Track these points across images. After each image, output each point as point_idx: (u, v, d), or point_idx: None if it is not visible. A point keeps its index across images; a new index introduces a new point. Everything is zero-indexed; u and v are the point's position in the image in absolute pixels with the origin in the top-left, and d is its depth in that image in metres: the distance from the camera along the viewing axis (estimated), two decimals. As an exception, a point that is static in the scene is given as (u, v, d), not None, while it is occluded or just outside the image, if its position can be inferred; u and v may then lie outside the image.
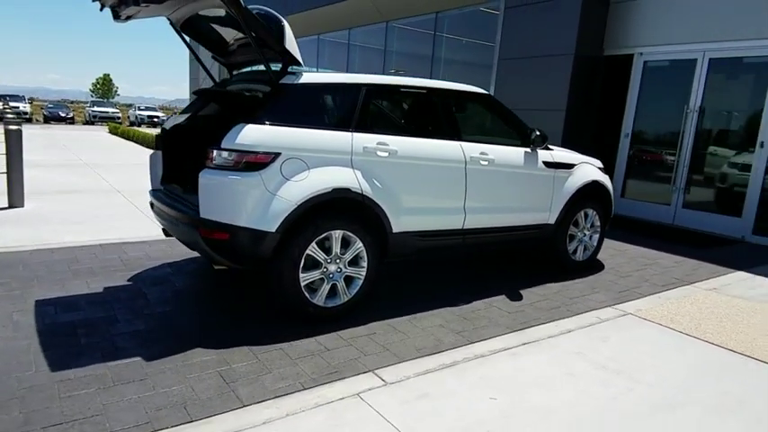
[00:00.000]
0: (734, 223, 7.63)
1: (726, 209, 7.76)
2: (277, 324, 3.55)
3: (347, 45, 15.81)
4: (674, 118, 8.37)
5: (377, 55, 14.25)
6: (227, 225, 3.25)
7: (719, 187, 7.92)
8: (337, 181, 3.46)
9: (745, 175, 7.52)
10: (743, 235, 7.51)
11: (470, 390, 2.85)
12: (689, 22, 7.92)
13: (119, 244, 5.20)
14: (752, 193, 7.45)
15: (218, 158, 3.26)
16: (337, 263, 3.60)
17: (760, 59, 7.34)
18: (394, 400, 2.71)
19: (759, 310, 4.43)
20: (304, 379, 2.86)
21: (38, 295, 3.79)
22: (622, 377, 3.12)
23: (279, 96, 3.43)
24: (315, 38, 17.15)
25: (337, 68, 16.06)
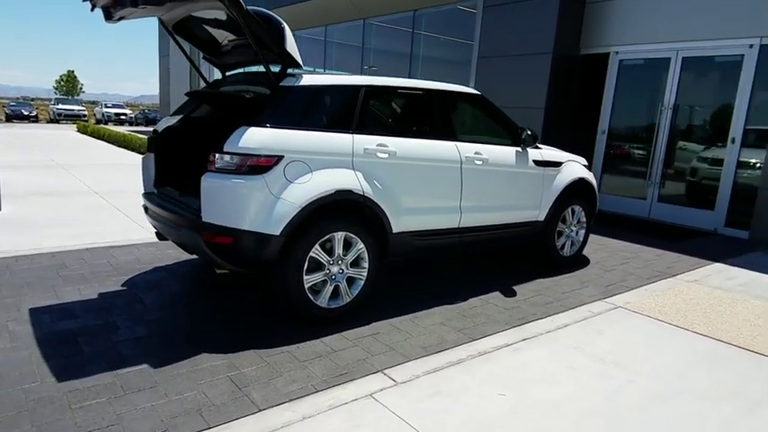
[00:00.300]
0: (707, 216, 7.91)
1: (699, 202, 8.04)
2: (280, 326, 3.55)
3: (323, 42, 15.75)
4: (649, 115, 8.62)
5: (354, 52, 14.23)
6: (231, 229, 3.24)
7: (693, 182, 8.20)
8: (340, 183, 3.47)
9: (717, 169, 7.80)
10: (715, 227, 7.79)
11: (479, 387, 2.91)
12: (663, 21, 8.15)
13: (106, 248, 5.10)
14: (724, 188, 7.73)
15: (221, 162, 3.24)
16: (339, 264, 3.61)
17: (730, 58, 7.61)
18: (407, 399, 2.75)
19: (740, 301, 4.62)
20: (315, 381, 2.88)
21: (31, 303, 3.70)
22: (621, 370, 3.22)
23: (279, 98, 3.42)
24: None
25: (313, 66, 16.01)
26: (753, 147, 7.49)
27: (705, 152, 8.06)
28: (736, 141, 7.55)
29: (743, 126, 7.47)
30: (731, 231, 7.60)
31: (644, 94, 8.82)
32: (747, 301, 4.62)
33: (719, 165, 7.77)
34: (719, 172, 7.76)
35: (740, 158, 7.55)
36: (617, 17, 8.76)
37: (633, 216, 8.72)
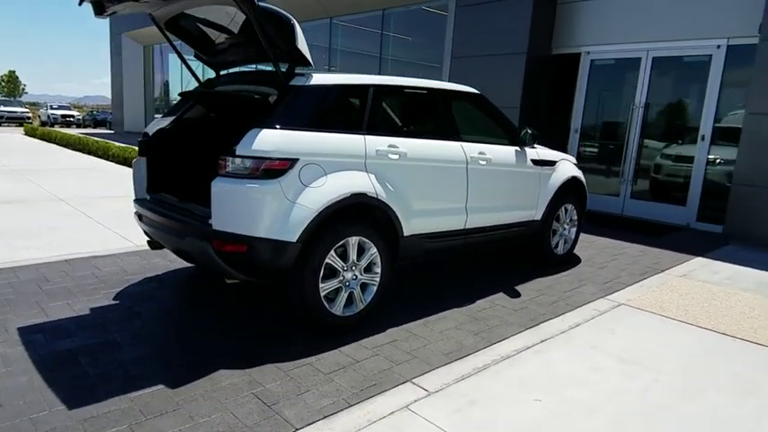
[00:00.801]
0: (679, 212, 8.16)
1: (671, 199, 8.28)
2: (291, 336, 3.40)
3: None
4: (621, 113, 8.83)
5: (320, 53, 14.04)
6: (245, 237, 3.06)
7: (665, 178, 8.44)
8: (355, 186, 3.35)
9: (688, 166, 8.05)
10: (688, 222, 8.04)
11: (512, 392, 2.85)
12: (633, 22, 8.35)
13: (87, 258, 4.78)
14: (695, 184, 7.99)
15: (233, 166, 3.06)
16: (353, 270, 3.49)
17: (699, 58, 7.87)
18: (444, 410, 2.65)
19: (731, 294, 4.75)
20: (345, 395, 2.75)
21: (17, 322, 3.40)
22: (643, 368, 3.23)
23: (290, 99, 3.26)
24: None
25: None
26: (722, 144, 7.77)
27: (676, 149, 8.31)
28: (706, 139, 7.82)
29: (712, 124, 7.73)
30: (703, 226, 7.85)
31: (615, 93, 9.03)
32: (738, 294, 4.75)
33: (690, 162, 8.02)
34: (690, 169, 8.02)
35: (710, 155, 7.81)
36: (588, 18, 8.93)
37: (607, 213, 8.91)
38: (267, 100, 3.30)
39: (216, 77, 4.16)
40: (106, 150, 12.24)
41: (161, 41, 20.62)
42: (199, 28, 3.92)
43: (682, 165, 8.20)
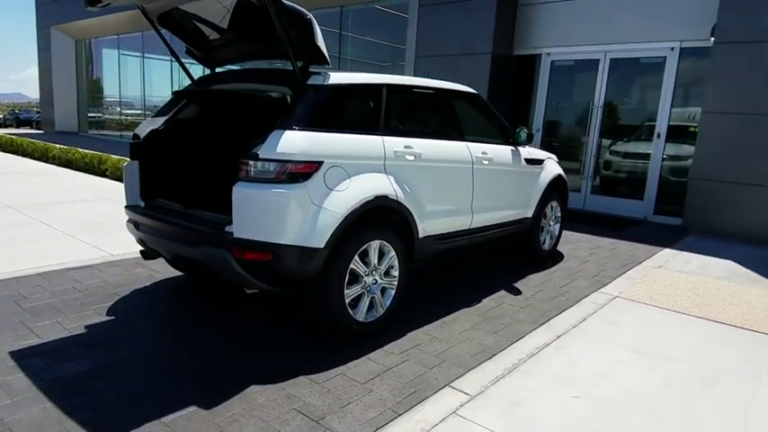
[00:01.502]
0: (637, 206, 8.54)
1: (629, 193, 8.66)
2: (312, 345, 3.27)
3: None
4: (581, 113, 9.14)
5: None
6: (270, 244, 2.90)
7: (623, 175, 8.82)
8: (377, 188, 3.26)
9: (645, 162, 8.45)
10: (645, 215, 8.44)
11: (549, 391, 2.87)
12: (591, 25, 8.66)
13: (62, 271, 4.41)
14: (651, 179, 8.40)
15: (256, 170, 2.89)
16: (373, 274, 3.40)
17: (655, 60, 8.27)
18: (492, 413, 2.63)
19: (708, 283, 5.01)
20: (390, 404, 2.67)
21: (6, 345, 3.08)
22: (660, 359, 3.33)
23: (310, 98, 3.12)
24: None
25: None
26: (676, 141, 8.21)
27: (633, 147, 8.70)
28: (662, 136, 8.22)
29: (667, 122, 8.14)
30: (660, 218, 8.26)
31: (575, 92, 9.35)
32: (715, 283, 5.02)
33: (647, 158, 8.42)
34: (647, 165, 8.42)
35: (665, 152, 8.23)
36: (547, 20, 9.18)
37: (570, 208, 9.18)
38: (284, 100, 3.14)
39: (210, 75, 3.93)
40: (45, 152, 11.42)
41: (96, 35, 19.49)
42: (193, 23, 3.69)
43: (639, 161, 8.59)
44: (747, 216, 6.89)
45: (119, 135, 19.69)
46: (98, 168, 10.02)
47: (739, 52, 6.82)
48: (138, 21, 16.56)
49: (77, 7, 17.44)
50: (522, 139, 4.75)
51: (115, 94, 19.96)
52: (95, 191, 8.36)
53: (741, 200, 6.94)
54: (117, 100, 19.76)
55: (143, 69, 18.16)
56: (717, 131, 7.10)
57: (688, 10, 7.70)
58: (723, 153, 7.05)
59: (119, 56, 19.02)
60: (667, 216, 8.19)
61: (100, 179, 9.56)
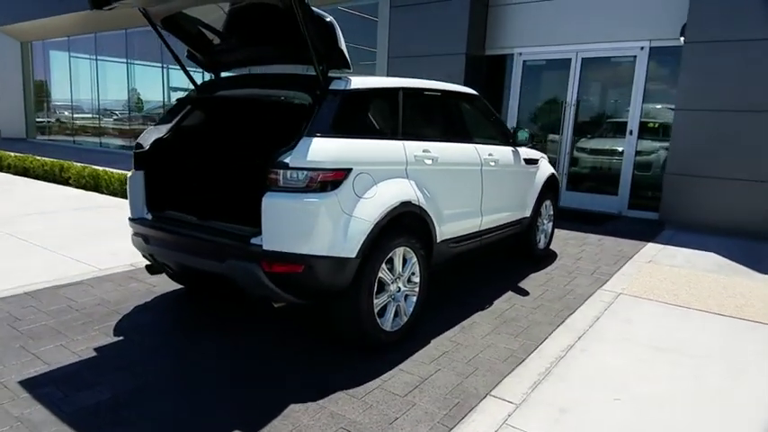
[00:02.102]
0: (612, 201, 8.77)
1: (604, 189, 8.88)
2: (336, 357, 3.17)
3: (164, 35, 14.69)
4: (554, 111, 9.30)
5: None
6: (302, 256, 2.79)
7: (597, 171, 9.04)
8: (402, 194, 3.19)
9: (618, 159, 8.68)
10: (620, 210, 8.67)
11: (590, 394, 2.87)
12: (562, 25, 8.81)
13: (51, 289, 4.13)
14: (625, 175, 8.63)
15: (286, 179, 2.77)
16: (397, 282, 3.32)
17: (625, 59, 8.50)
18: (545, 422, 2.60)
19: (699, 276, 5.16)
20: (438, 417, 2.60)
21: (13, 374, 2.84)
22: (681, 355, 3.40)
23: (333, 104, 3.01)
24: (122, 31, 15.72)
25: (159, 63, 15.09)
26: (648, 138, 8.47)
27: (606, 144, 8.93)
28: (634, 133, 8.47)
29: (639, 120, 8.39)
30: (634, 213, 8.50)
31: (548, 91, 9.51)
32: (706, 276, 5.19)
33: (620, 155, 8.65)
34: (620, 161, 8.65)
35: (638, 148, 8.48)
36: (519, 20, 9.29)
37: (547, 205, 9.34)
38: (305, 106, 3.02)
39: (214, 81, 3.75)
40: (-2, 160, 10.76)
41: (44, 37, 18.51)
42: (196, 26, 3.51)
43: (612, 158, 8.82)
44: (721, 209, 7.17)
45: (71, 140, 18.79)
46: (60, 176, 9.51)
47: (709, 52, 7.08)
48: (89, 22, 15.87)
49: (22, 7, 16.54)
50: (523, 139, 4.77)
51: (65, 98, 19.02)
52: (63, 201, 7.91)
53: (715, 194, 7.21)
54: (68, 104, 18.83)
55: (96, 72, 17.37)
56: (690, 128, 7.36)
57: (657, 10, 7.94)
58: (696, 149, 7.31)
59: (69, 58, 18.12)
60: (641, 210, 8.44)
61: (64, 188, 9.07)
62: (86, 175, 8.98)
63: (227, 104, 3.65)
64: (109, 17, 14.87)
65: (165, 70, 15.41)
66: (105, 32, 16.51)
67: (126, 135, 16.96)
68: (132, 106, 16.91)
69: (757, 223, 6.90)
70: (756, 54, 6.73)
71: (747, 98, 6.85)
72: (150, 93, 16.70)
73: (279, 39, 3.26)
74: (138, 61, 16.27)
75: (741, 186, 7.00)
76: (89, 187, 8.88)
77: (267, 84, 3.44)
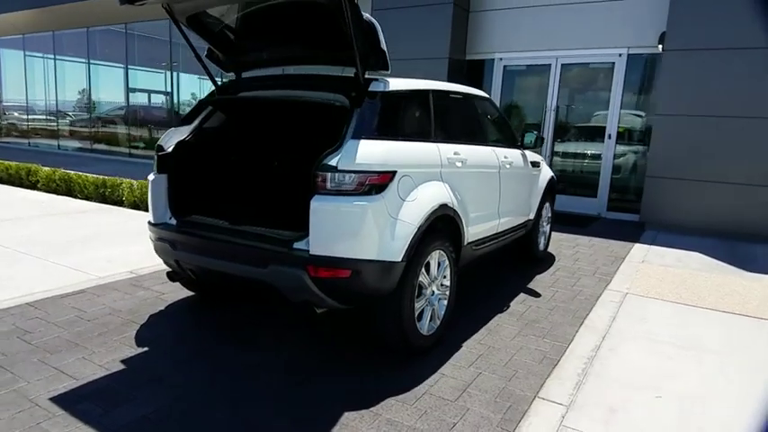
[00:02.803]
0: (591, 203, 9.00)
1: (583, 192, 9.11)
2: (371, 361, 3.13)
3: (124, 35, 14.36)
4: (535, 115, 9.49)
5: (160, 47, 13.38)
6: (350, 260, 2.73)
7: (577, 174, 9.27)
8: (440, 197, 3.18)
9: (597, 162, 8.93)
10: (599, 212, 8.92)
11: (633, 393, 2.92)
12: (541, 31, 9.00)
13: (52, 299, 3.90)
14: (604, 178, 8.89)
15: (334, 182, 2.70)
16: (432, 285, 3.30)
17: (604, 65, 8.76)
18: (596, 421, 2.63)
19: (694, 275, 5.35)
20: (496, 422, 2.59)
21: (40, 391, 2.66)
22: (703, 352, 3.51)
23: (374, 106, 2.96)
24: (83, 30, 15.21)
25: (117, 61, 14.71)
26: (626, 142, 8.75)
27: (586, 147, 9.17)
28: (612, 137, 8.73)
29: (617, 124, 8.66)
30: (613, 215, 8.76)
31: (528, 96, 9.69)
32: (698, 275, 5.38)
33: (599, 158, 8.90)
34: (599, 164, 8.90)
35: (616, 152, 8.75)
36: (499, 26, 9.44)
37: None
38: (345, 108, 2.96)
39: (234, 81, 3.63)
40: (-46, 163, 10.11)
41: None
42: (219, 25, 3.40)
43: (591, 161, 9.07)
44: (699, 210, 7.46)
45: (26, 142, 17.92)
46: (27, 180, 9.04)
47: (688, 59, 7.38)
48: (46, 19, 15.18)
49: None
50: (529, 141, 4.83)
51: (18, 99, 18.12)
52: (36, 205, 7.51)
53: (693, 196, 7.50)
54: (22, 105, 17.94)
55: (54, 71, 16.61)
56: (669, 133, 7.63)
57: (635, 18, 8.22)
58: (676, 153, 7.59)
59: (24, 57, 17.27)
60: (619, 212, 8.71)
61: (31, 192, 8.63)
62: (57, 178, 8.56)
63: (251, 106, 3.54)
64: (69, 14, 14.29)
65: (126, 71, 14.92)
66: (64, 30, 15.83)
67: (84, 137, 16.29)
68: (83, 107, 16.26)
69: (733, 223, 7.22)
70: (734, 62, 7.04)
71: (724, 104, 7.17)
72: (111, 94, 16.11)
73: (313, 39, 3.18)
74: (99, 61, 15.67)
75: (718, 189, 7.30)
76: (60, 191, 8.47)
77: (295, 85, 3.35)
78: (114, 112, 15.77)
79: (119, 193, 7.78)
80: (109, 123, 15.84)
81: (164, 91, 14.50)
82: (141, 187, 7.50)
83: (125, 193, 7.66)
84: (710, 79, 7.24)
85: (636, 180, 8.74)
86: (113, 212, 7.22)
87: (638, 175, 8.72)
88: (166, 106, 14.58)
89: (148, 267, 4.73)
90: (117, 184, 7.86)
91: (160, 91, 14.67)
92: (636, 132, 8.77)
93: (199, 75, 14.23)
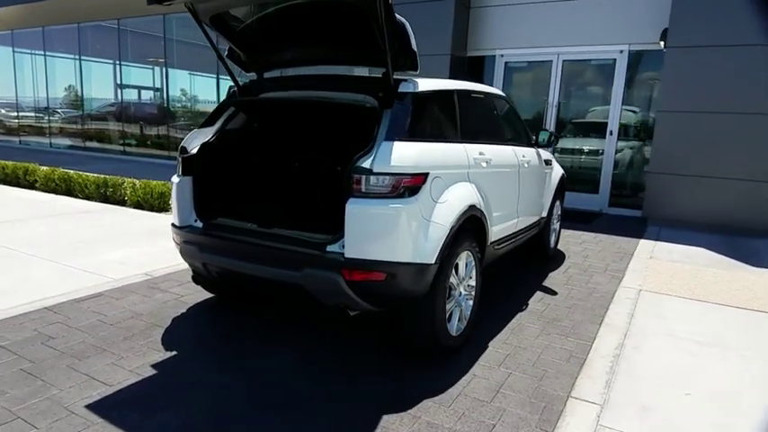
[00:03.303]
0: (593, 199, 9.06)
1: (585, 188, 9.16)
2: (399, 363, 3.13)
3: (116, 30, 14.23)
4: (536, 112, 9.52)
5: (153, 42, 13.28)
6: (385, 263, 2.72)
7: (579, 170, 9.31)
8: (469, 197, 3.18)
9: (598, 159, 8.98)
10: (601, 208, 8.98)
11: (664, 391, 2.95)
12: (543, 28, 9.02)
13: (69, 303, 3.85)
14: (605, 174, 8.95)
15: (368, 185, 2.69)
16: (460, 286, 3.30)
17: (605, 62, 8.80)
18: (633, 420, 2.66)
19: (703, 271, 5.41)
20: (534, 422, 2.61)
21: (75, 399, 2.62)
22: (723, 348, 3.55)
23: (405, 107, 2.95)
24: (74, 25, 15.03)
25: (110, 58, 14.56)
26: (627, 138, 8.81)
27: (587, 144, 9.21)
28: (614, 133, 8.78)
29: (618, 121, 8.71)
30: (615, 211, 8.83)
31: (530, 92, 9.71)
32: (707, 270, 5.44)
33: (600, 154, 8.95)
34: (601, 160, 8.95)
35: (617, 148, 8.80)
36: (500, 22, 9.44)
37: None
38: (375, 109, 2.94)
39: (256, 82, 3.59)
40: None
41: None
42: (242, 25, 3.37)
43: (593, 157, 9.12)
44: (702, 206, 7.56)
45: (16, 140, 17.66)
46: (24, 180, 8.92)
47: (689, 56, 7.44)
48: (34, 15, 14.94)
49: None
50: (543, 140, 4.84)
51: (8, 96, 17.85)
52: (37, 206, 7.41)
53: (695, 191, 7.59)
54: (12, 102, 17.67)
55: (45, 68, 16.37)
56: (671, 129, 7.70)
57: (636, 15, 8.26)
58: (678, 149, 7.66)
59: (13, 53, 16.99)
60: (621, 208, 8.78)
61: (30, 192, 8.51)
62: (56, 178, 8.45)
63: (276, 107, 3.50)
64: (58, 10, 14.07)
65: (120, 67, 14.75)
66: (54, 26, 15.59)
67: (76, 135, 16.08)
68: (75, 104, 16.05)
69: (735, 219, 7.31)
70: (736, 59, 7.11)
71: (726, 101, 7.24)
72: (103, 90, 15.93)
73: (339, 39, 3.16)
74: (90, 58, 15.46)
75: (720, 184, 7.39)
76: (60, 191, 8.37)
77: (320, 85, 3.33)
78: (105, 108, 15.60)
79: (121, 192, 7.70)
80: (101, 120, 15.66)
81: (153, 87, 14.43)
82: (144, 186, 7.43)
83: (128, 192, 7.58)
84: (713, 76, 7.30)
85: (637, 176, 8.81)
86: (117, 212, 7.14)
87: (639, 171, 8.79)
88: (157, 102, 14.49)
89: (163, 269, 4.69)
90: (119, 183, 7.77)
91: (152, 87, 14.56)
92: (637, 129, 8.83)
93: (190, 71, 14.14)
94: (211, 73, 13.00)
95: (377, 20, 2.70)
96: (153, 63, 14.15)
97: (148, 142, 14.49)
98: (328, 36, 3.24)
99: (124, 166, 12.12)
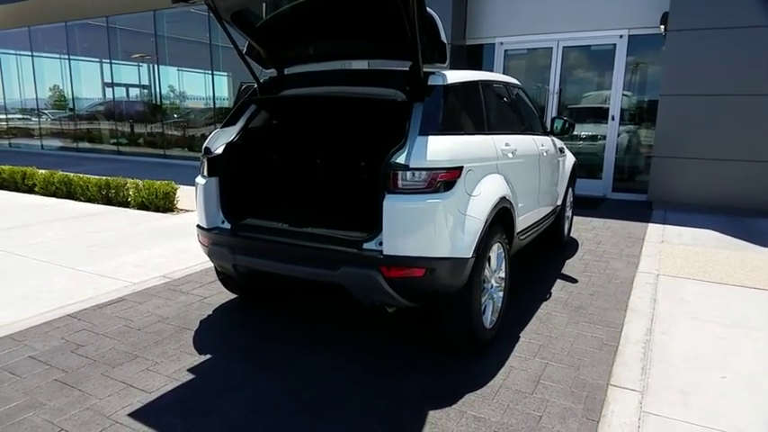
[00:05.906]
0: (597, 185, 9.09)
1: (588, 173, 9.18)
2: (435, 357, 3.13)
3: (106, 28, 14.04)
4: (538, 99, 9.50)
5: (144, 39, 13.14)
6: (424, 259, 2.70)
7: (582, 156, 9.30)
8: (500, 190, 3.16)
9: (601, 144, 9.00)
10: (604, 194, 9.01)
11: (699, 374, 2.97)
12: (542, 14, 8.99)
13: (91, 309, 3.80)
14: (608, 159, 8.97)
15: (405, 180, 2.67)
16: (492, 278, 3.30)
17: (605, 47, 8.79)
18: (676, 406, 2.67)
19: (714, 253, 5.44)
20: (579, 412, 2.61)
21: (114, 406, 2.59)
22: (750, 329, 3.58)
23: (436, 101, 2.92)
24: (62, 24, 14.80)
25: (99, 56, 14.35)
26: (629, 123, 8.83)
27: (589, 129, 9.22)
28: (615, 119, 8.80)
29: (620, 106, 8.72)
30: (618, 195, 8.87)
31: (531, 80, 9.67)
32: (719, 252, 5.48)
33: (603, 140, 8.97)
34: (603, 146, 8.97)
35: (619, 133, 8.82)
36: (499, 10, 9.40)
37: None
38: (405, 103, 2.91)
39: (276, 78, 3.54)
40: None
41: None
42: (262, 21, 3.31)
43: (595, 143, 9.14)
44: (705, 188, 7.60)
45: (6, 143, 17.41)
46: (23, 185, 8.79)
47: (692, 39, 7.44)
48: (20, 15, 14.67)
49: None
50: (558, 128, 4.82)
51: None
52: (40, 210, 7.31)
53: (699, 173, 7.62)
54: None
55: (33, 68, 16.10)
56: (675, 112, 7.72)
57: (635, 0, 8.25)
58: (681, 132, 7.69)
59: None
60: (624, 192, 8.82)
61: (30, 196, 8.40)
62: (56, 181, 8.33)
63: (300, 103, 3.45)
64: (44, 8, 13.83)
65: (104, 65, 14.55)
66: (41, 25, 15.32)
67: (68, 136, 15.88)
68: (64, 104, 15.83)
69: (739, 199, 7.36)
70: (738, 41, 7.12)
71: (728, 83, 7.26)
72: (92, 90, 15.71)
73: (365, 32, 3.12)
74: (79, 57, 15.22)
75: (723, 166, 7.43)
76: (60, 194, 8.26)
77: (345, 81, 3.28)
78: (96, 107, 15.40)
79: (124, 193, 7.61)
80: (92, 120, 15.46)
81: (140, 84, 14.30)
82: (148, 187, 7.35)
83: (131, 193, 7.49)
84: (714, 58, 7.31)
85: (640, 160, 8.84)
86: (122, 214, 7.06)
87: (641, 156, 8.83)
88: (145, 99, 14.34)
89: (180, 271, 4.64)
90: (121, 184, 7.68)
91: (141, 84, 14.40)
92: (638, 113, 8.85)
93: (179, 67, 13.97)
94: (205, 69, 12.85)
95: (408, 13, 2.65)
96: (139, 60, 13.98)
97: (140, 141, 14.34)
98: (351, 29, 3.19)
99: (119, 165, 11.98)
